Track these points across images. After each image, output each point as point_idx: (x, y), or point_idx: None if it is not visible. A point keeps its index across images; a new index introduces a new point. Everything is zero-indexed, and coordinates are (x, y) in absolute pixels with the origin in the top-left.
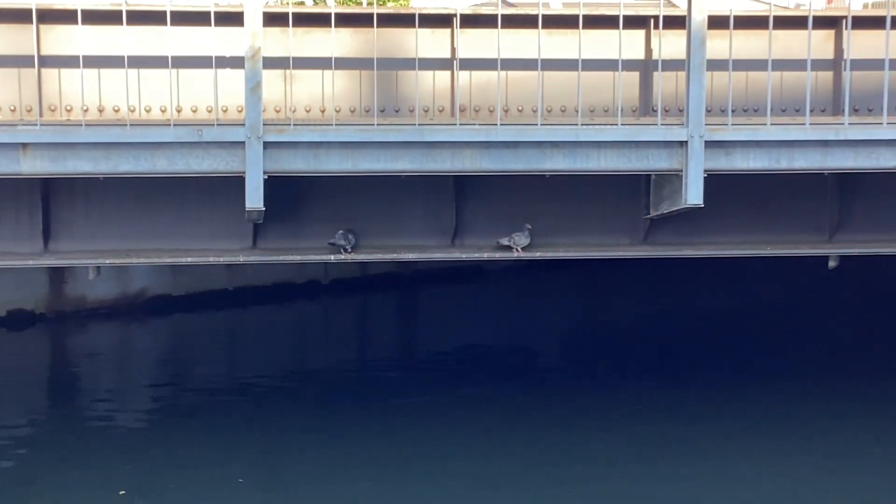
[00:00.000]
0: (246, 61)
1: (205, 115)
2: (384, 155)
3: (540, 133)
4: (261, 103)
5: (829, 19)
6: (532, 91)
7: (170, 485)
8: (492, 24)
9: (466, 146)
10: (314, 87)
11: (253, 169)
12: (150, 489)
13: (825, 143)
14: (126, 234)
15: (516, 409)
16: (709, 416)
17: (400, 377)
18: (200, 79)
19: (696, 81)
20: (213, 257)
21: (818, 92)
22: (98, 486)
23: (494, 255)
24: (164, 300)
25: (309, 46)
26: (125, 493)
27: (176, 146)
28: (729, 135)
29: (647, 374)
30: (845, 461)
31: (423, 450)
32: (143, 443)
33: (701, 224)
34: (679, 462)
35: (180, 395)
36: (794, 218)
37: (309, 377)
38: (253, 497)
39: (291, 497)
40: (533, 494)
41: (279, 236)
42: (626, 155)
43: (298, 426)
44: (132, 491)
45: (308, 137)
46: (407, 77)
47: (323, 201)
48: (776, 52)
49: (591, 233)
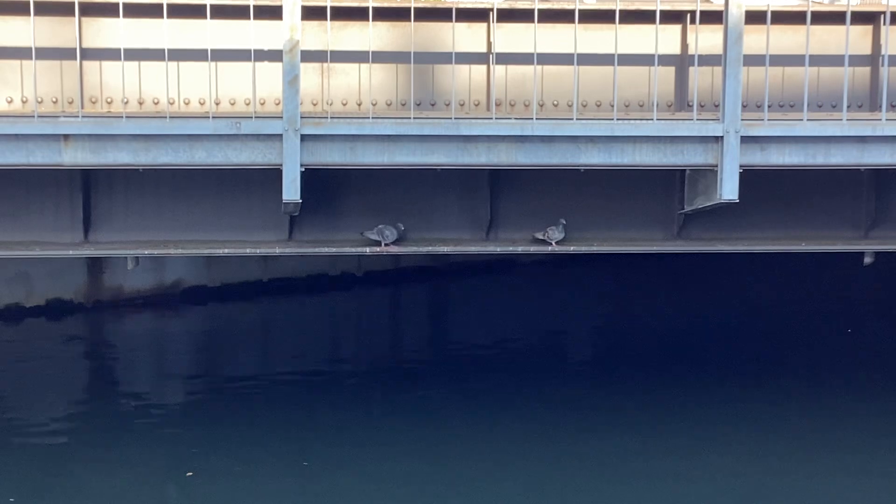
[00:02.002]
0: (284, 55)
1: (242, 108)
2: (420, 148)
3: (575, 127)
4: (298, 96)
5: (867, 15)
6: (567, 86)
7: (234, 468)
8: (528, 19)
9: (502, 140)
10: (351, 80)
11: (290, 161)
12: (213, 472)
13: (862, 139)
14: (164, 226)
15: (545, 405)
16: (741, 415)
17: (431, 370)
18: (238, 72)
19: (733, 77)
20: (250, 249)
21: (855, 87)
22: (159, 469)
23: (529, 248)
24: (199, 291)
25: (346, 40)
26: (192, 475)
27: (214, 138)
28: (765, 130)
29: (679, 371)
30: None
31: (450, 445)
32: (183, 429)
33: (735, 219)
34: (710, 461)
35: (215, 385)
36: (830, 214)
37: (341, 369)
38: (318, 477)
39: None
40: (557, 494)
41: (314, 229)
42: (661, 150)
43: (331, 418)
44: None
45: (344, 130)
46: (443, 71)
47: (358, 194)
48: (813, 47)
49: (625, 227)
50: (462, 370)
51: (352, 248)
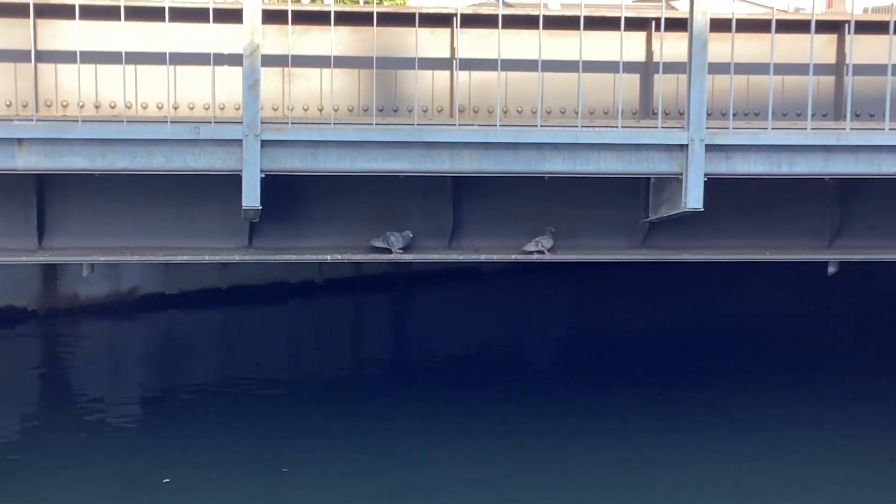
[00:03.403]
0: (244, 59)
1: (202, 113)
2: (382, 155)
3: (539, 134)
4: (259, 101)
5: (832, 23)
6: (532, 92)
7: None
8: (492, 24)
9: (465, 147)
10: (312, 85)
11: (250, 167)
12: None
13: (826, 149)
14: (120, 232)
15: (508, 414)
16: (704, 424)
17: (393, 380)
18: (198, 76)
19: (698, 84)
20: (208, 256)
21: (819, 96)
22: (133, 477)
23: (492, 256)
24: (156, 298)
25: (307, 44)
26: (169, 482)
27: (173, 143)
28: (730, 138)
29: (643, 379)
30: (845, 468)
31: (412, 454)
32: (138, 441)
33: (700, 228)
34: (674, 470)
35: (170, 394)
36: (794, 223)
37: (301, 378)
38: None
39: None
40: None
41: (275, 236)
42: (625, 158)
43: (290, 427)
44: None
45: (306, 136)
46: (406, 76)
47: (320, 201)
48: (777, 55)
49: (589, 236)
50: (424, 379)
51: (312, 255)
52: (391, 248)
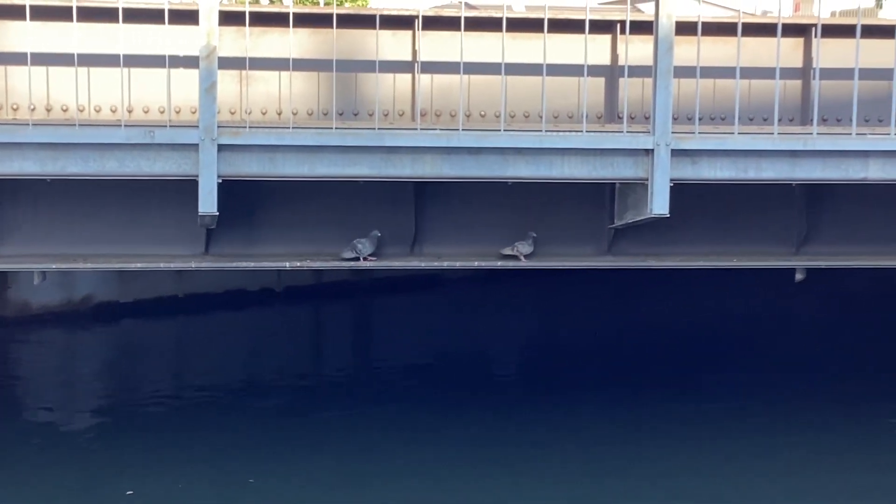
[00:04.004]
0: (201, 61)
1: (157, 116)
2: (342, 159)
3: (503, 139)
4: (215, 104)
5: (798, 27)
6: (495, 96)
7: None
8: (454, 27)
9: (427, 151)
10: (271, 88)
11: (206, 172)
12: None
13: (793, 154)
14: (73, 239)
15: (471, 423)
16: (669, 432)
17: (354, 388)
18: (153, 78)
19: (663, 88)
20: (164, 263)
21: (786, 101)
22: (94, 490)
23: (455, 263)
24: (111, 307)
25: (265, 47)
26: (132, 493)
27: (126, 147)
28: (696, 143)
29: (608, 387)
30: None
31: (375, 464)
32: (96, 453)
33: (666, 234)
34: (640, 478)
35: (126, 405)
36: (762, 229)
37: (261, 387)
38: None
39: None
40: None
41: (233, 242)
42: (590, 163)
43: (252, 437)
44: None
45: (264, 140)
46: (366, 79)
47: (278, 207)
48: (744, 59)
49: (554, 242)
50: (386, 388)
51: (270, 262)
52: (360, 256)
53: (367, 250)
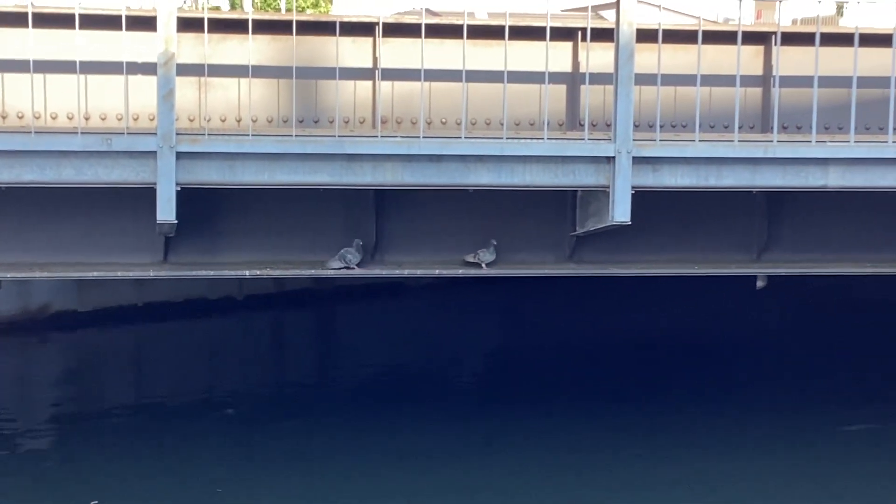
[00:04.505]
0: (159, 68)
1: (115, 124)
2: (302, 167)
3: (464, 146)
4: (174, 112)
5: (759, 35)
6: (456, 103)
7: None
8: (415, 34)
9: (388, 159)
10: (230, 95)
11: (165, 180)
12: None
13: (754, 161)
14: (29, 247)
15: (432, 431)
16: (626, 441)
17: (316, 397)
18: (110, 85)
19: (624, 96)
20: (122, 272)
21: (747, 108)
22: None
23: (416, 271)
24: (68, 316)
25: (225, 53)
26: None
27: (83, 155)
28: (657, 151)
29: (568, 394)
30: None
31: (337, 472)
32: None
33: (628, 242)
34: (596, 487)
35: (85, 414)
36: (723, 237)
37: (221, 396)
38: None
39: None
40: None
41: (192, 250)
42: (552, 170)
43: (214, 447)
44: None
45: (223, 148)
46: (327, 87)
47: (238, 214)
48: (705, 67)
49: (515, 250)
50: (347, 396)
51: (230, 270)
52: (350, 265)
53: (355, 259)
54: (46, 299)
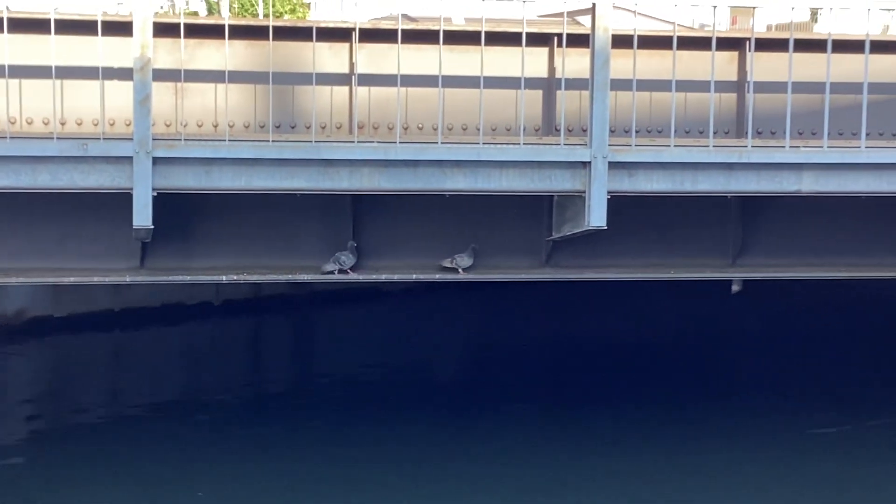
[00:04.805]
0: (135, 73)
1: (90, 129)
2: (279, 172)
3: (440, 151)
4: (150, 117)
5: (733, 41)
6: (433, 108)
7: None
8: (392, 39)
9: (364, 164)
10: (207, 101)
11: (141, 185)
12: None
13: (729, 166)
14: (4, 252)
15: (409, 436)
16: (606, 444)
17: (293, 401)
18: (86, 90)
19: (600, 101)
20: (98, 277)
21: (722, 113)
22: None
23: (393, 276)
24: (44, 322)
25: (201, 59)
26: None
27: (59, 160)
28: (632, 156)
29: (545, 399)
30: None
31: (316, 476)
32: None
33: (604, 246)
34: (577, 491)
35: (62, 420)
36: (698, 241)
37: (198, 401)
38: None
39: None
40: None
41: (168, 255)
42: (528, 175)
43: (191, 452)
44: None
45: (199, 153)
46: (304, 92)
47: (215, 220)
48: (680, 72)
49: (492, 254)
50: (325, 401)
51: (207, 275)
52: (344, 268)
53: (349, 262)
54: (22, 305)
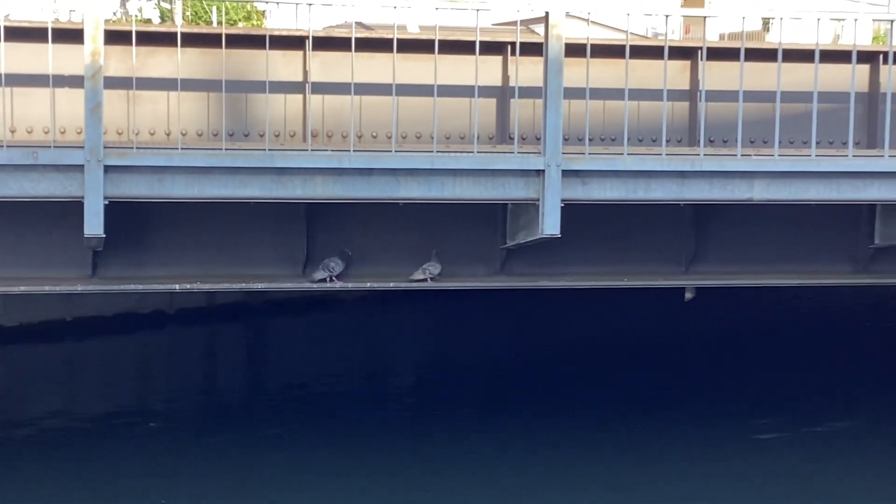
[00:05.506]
0: (86, 81)
1: (41, 137)
2: (232, 181)
3: (394, 160)
4: (101, 125)
5: (685, 50)
6: (387, 116)
7: None
8: (345, 47)
9: (318, 173)
10: (159, 108)
11: (92, 194)
12: None
13: (682, 174)
14: None
15: (364, 445)
16: (564, 455)
17: (247, 410)
18: (36, 98)
19: (553, 109)
20: (49, 286)
21: (675, 122)
22: None
23: (347, 285)
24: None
25: (153, 67)
26: None
27: (9, 169)
28: (586, 164)
29: (497, 408)
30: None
31: (270, 485)
32: None
33: (558, 254)
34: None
35: (10, 433)
36: (652, 249)
37: (151, 411)
38: None
39: None
40: None
41: (121, 264)
42: (482, 183)
43: (145, 465)
44: None
45: (152, 161)
46: (257, 100)
47: (168, 228)
48: (633, 81)
49: (446, 262)
50: (279, 410)
51: (160, 284)
52: (333, 274)
53: (339, 268)
54: None
